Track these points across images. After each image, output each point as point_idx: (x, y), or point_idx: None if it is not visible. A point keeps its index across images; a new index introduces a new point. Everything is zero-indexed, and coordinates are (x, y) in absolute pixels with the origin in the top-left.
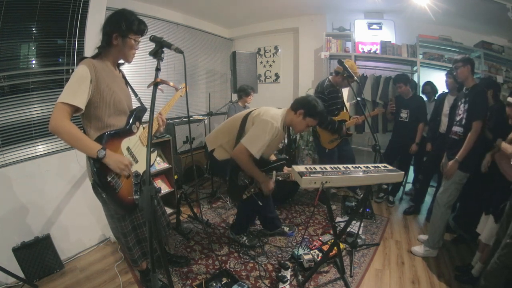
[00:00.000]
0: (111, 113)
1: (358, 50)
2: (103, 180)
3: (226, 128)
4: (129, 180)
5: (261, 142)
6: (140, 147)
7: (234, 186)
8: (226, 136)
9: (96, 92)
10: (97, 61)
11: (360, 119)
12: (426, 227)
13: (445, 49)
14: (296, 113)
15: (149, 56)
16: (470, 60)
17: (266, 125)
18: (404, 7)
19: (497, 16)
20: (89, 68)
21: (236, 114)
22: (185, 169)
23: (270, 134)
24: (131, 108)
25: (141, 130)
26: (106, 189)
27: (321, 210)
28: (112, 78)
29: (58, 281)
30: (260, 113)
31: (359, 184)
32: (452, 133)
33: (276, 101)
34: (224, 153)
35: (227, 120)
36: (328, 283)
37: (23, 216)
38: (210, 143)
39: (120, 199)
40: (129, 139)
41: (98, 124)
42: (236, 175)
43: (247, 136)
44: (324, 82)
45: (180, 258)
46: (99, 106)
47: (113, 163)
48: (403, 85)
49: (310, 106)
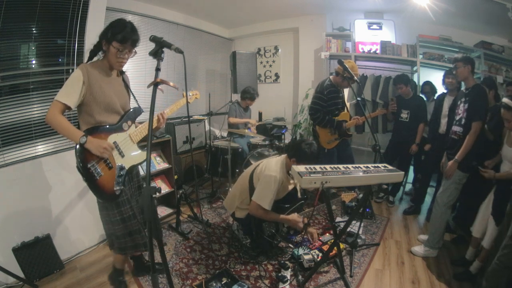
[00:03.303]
0: (101, 111)
1: (358, 50)
2: (84, 165)
3: (237, 191)
4: (112, 171)
5: (269, 196)
6: (129, 144)
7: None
8: (239, 198)
9: (88, 92)
10: (92, 64)
11: (361, 120)
12: (426, 227)
13: (445, 49)
14: (291, 160)
15: (149, 56)
16: (470, 60)
17: (270, 180)
18: (404, 7)
19: (497, 16)
20: (82, 72)
21: (244, 175)
22: (185, 169)
23: (276, 186)
24: (126, 109)
25: (133, 128)
26: (85, 174)
27: (321, 210)
28: (106, 81)
29: (58, 281)
30: (263, 168)
31: (359, 184)
32: (451, 133)
33: (276, 101)
34: (243, 211)
35: (236, 183)
36: (328, 283)
37: (23, 216)
38: (228, 207)
39: (99, 187)
40: (117, 134)
41: (89, 119)
42: (261, 228)
43: (256, 193)
44: (324, 82)
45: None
46: (91, 105)
47: (94, 148)
48: (403, 86)
49: (300, 154)
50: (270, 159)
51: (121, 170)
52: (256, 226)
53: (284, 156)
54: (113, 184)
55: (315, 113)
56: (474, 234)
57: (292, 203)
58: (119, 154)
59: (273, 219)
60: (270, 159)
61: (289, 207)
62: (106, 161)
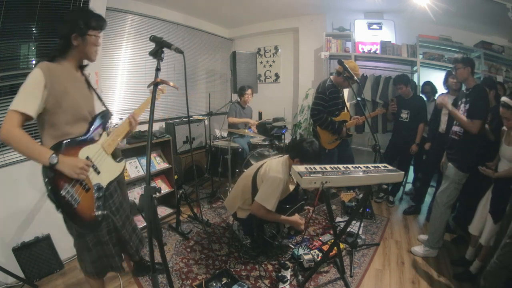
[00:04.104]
0: (69, 120)
1: (358, 50)
2: (56, 193)
3: (239, 191)
4: (89, 193)
5: (274, 197)
6: (103, 156)
7: (263, 240)
8: (241, 199)
9: (51, 97)
10: (55, 64)
11: (361, 120)
12: (426, 227)
13: (445, 49)
14: (294, 161)
15: (149, 56)
16: (470, 61)
17: (274, 181)
18: (404, 7)
19: (497, 16)
20: (44, 72)
21: (246, 175)
22: (185, 169)
23: (280, 187)
24: (93, 114)
25: (105, 137)
26: (60, 204)
27: (321, 210)
28: (71, 82)
29: (58, 281)
30: (266, 170)
31: (359, 184)
32: (452, 133)
33: (276, 101)
34: (245, 211)
35: (238, 184)
36: (328, 283)
37: (23, 216)
38: (230, 207)
39: (79, 216)
40: (89, 147)
41: (54, 132)
42: (263, 229)
43: (260, 194)
44: (325, 82)
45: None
46: (56, 113)
47: (68, 169)
48: (403, 86)
49: (303, 154)
50: (272, 160)
51: (99, 190)
52: (258, 227)
53: (286, 157)
54: (93, 209)
55: (317, 113)
56: (472, 232)
57: (293, 204)
58: (94, 171)
59: (275, 220)
60: (272, 160)
61: (290, 208)
62: (82, 183)
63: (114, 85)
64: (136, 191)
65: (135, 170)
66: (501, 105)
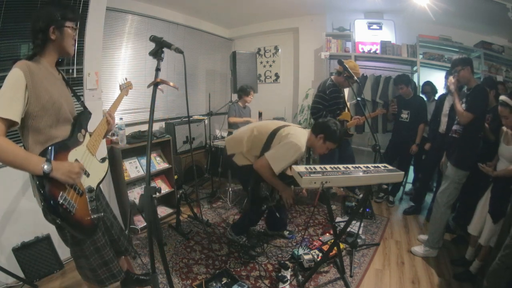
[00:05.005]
0: (54, 123)
1: (358, 50)
2: (55, 203)
3: (251, 138)
4: (83, 197)
5: (285, 162)
6: (89, 157)
7: (256, 196)
8: (248, 145)
9: (33, 100)
10: (33, 63)
11: (362, 120)
12: (426, 227)
13: (445, 49)
14: (317, 137)
15: (149, 56)
16: (468, 60)
17: (293, 148)
18: (404, 7)
19: (497, 16)
20: (24, 72)
21: (264, 125)
22: (185, 169)
23: (295, 157)
24: (74, 114)
25: (88, 138)
26: (59, 214)
27: (321, 210)
28: (51, 82)
29: (58, 281)
30: (290, 133)
31: (359, 184)
32: (452, 132)
33: (276, 101)
34: (244, 160)
35: (252, 129)
36: (328, 283)
37: (23, 216)
38: (231, 147)
39: (78, 222)
40: (76, 150)
41: (39, 137)
42: (258, 187)
43: (273, 153)
44: (326, 81)
45: (146, 275)
46: (39, 116)
47: (63, 175)
48: (404, 86)
49: (330, 131)
50: (297, 128)
51: (91, 192)
52: (255, 183)
53: (309, 132)
54: (88, 213)
55: (317, 112)
56: (471, 232)
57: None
58: (84, 173)
59: (272, 183)
60: (297, 128)
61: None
62: (75, 187)
63: (114, 85)
64: (136, 191)
65: (135, 170)
66: (500, 104)
